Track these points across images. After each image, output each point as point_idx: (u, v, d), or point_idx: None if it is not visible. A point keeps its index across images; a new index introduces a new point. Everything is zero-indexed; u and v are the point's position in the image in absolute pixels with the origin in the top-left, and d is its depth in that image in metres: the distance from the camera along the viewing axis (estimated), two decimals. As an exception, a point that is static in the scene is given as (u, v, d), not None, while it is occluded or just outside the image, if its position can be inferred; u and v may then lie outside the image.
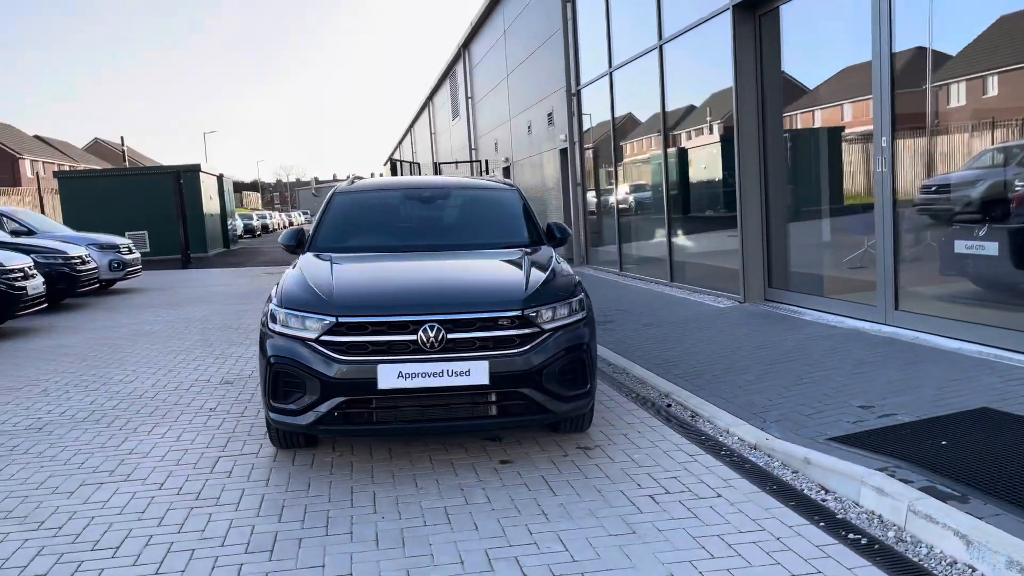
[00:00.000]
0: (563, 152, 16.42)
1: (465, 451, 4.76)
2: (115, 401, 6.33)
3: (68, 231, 16.87)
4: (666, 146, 11.29)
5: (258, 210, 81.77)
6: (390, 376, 4.14)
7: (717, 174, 10.12)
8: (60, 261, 12.78)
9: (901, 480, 3.64)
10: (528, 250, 5.37)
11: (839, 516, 3.64)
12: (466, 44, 27.15)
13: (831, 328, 7.40)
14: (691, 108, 10.74)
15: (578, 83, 15.10)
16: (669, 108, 11.15)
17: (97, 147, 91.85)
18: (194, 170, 25.32)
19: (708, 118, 10.16)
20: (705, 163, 10.48)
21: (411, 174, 28.67)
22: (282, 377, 4.29)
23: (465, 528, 3.65)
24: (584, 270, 14.89)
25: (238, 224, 39.47)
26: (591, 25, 14.17)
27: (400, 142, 60.60)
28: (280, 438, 4.77)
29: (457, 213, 5.99)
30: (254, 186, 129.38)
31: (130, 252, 16.18)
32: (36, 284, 10.56)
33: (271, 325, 4.44)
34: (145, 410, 6.01)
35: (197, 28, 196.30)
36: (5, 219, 15.66)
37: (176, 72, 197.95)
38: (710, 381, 6.01)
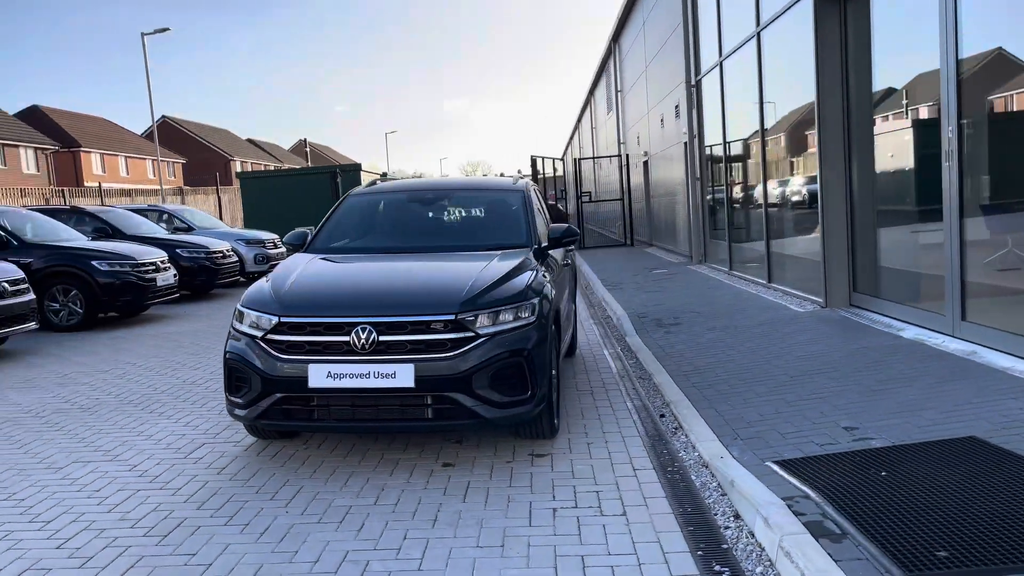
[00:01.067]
0: (687, 146, 15.88)
1: (419, 451, 4.82)
2: (169, 386, 6.95)
3: (224, 227, 18.54)
4: (763, 139, 10.65)
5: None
6: (320, 375, 4.30)
7: (814, 170, 9.41)
8: (202, 255, 14.09)
9: (796, 512, 3.31)
10: (509, 252, 5.31)
11: (725, 547, 3.37)
12: (615, 37, 26.84)
13: (894, 338, 6.73)
14: (791, 99, 10.05)
15: (697, 73, 14.54)
16: (768, 99, 10.51)
17: (301, 147, 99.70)
18: (355, 169, 26.81)
19: (804, 110, 9.48)
20: (801, 158, 9.78)
21: (551, 171, 28.77)
22: (234, 372, 4.56)
23: (350, 528, 3.73)
24: (699, 269, 14.35)
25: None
26: (710, 10, 13.58)
27: (571, 136, 60.89)
28: (253, 429, 5.06)
29: (454, 216, 6.03)
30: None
31: (275, 247, 17.51)
32: (167, 276, 11.73)
33: (233, 322, 4.72)
34: (184, 396, 6.55)
35: (378, 37, 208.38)
36: (173, 218, 17.49)
37: (366, 76, 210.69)
38: (722, 392, 5.68)
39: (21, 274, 9.04)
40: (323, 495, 4.18)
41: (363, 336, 4.31)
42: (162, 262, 11.79)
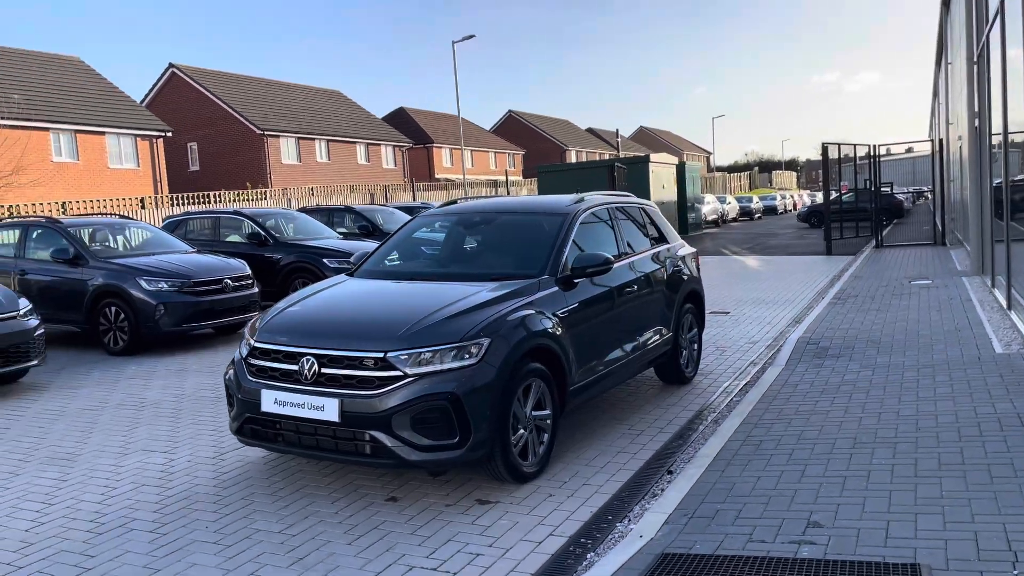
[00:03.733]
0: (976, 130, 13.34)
1: (384, 481, 4.84)
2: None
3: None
4: (1005, 126, 8.60)
5: (786, 190, 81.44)
6: (269, 401, 4.56)
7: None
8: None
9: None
10: (509, 282, 5.04)
11: (495, 652, 2.98)
12: (945, 1, 23.20)
13: (1057, 403, 5.16)
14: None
15: (977, 45, 12.12)
16: (1012, 81, 8.46)
17: (641, 134, 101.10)
18: (643, 162, 26.79)
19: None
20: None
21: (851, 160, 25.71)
22: (227, 388, 4.99)
23: (225, 556, 3.94)
24: (967, 282, 12.05)
25: (723, 208, 40.13)
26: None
27: (931, 112, 53.84)
28: (270, 438, 5.46)
29: (484, 241, 5.85)
30: (791, 164, 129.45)
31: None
32: (392, 273, 12.86)
33: (240, 343, 5.16)
34: (296, 395, 7.24)
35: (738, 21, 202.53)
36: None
37: (725, 55, 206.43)
38: (763, 452, 4.90)
39: (247, 271, 10.57)
40: (256, 515, 4.43)
41: (306, 367, 4.48)
42: (390, 260, 12.93)
